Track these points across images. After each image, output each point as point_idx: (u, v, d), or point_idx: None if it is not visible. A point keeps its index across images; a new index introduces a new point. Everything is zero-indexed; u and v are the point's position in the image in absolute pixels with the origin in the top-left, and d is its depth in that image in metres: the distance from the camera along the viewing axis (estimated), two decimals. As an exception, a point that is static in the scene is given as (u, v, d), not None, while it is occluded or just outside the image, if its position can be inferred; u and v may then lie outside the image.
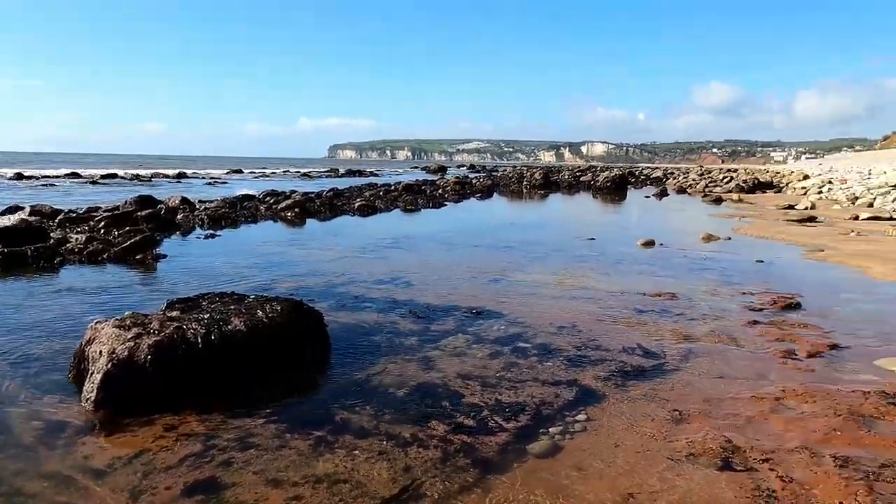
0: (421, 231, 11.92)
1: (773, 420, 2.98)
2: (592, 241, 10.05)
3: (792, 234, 11.00)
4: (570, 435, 2.89)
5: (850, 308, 5.52)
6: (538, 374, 3.71)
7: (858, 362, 3.95)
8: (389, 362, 3.91)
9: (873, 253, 8.44)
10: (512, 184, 29.64)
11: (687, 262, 8.03)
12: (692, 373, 3.75)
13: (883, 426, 2.87)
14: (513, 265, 7.57)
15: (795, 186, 26.49)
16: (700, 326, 4.82)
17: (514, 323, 4.87)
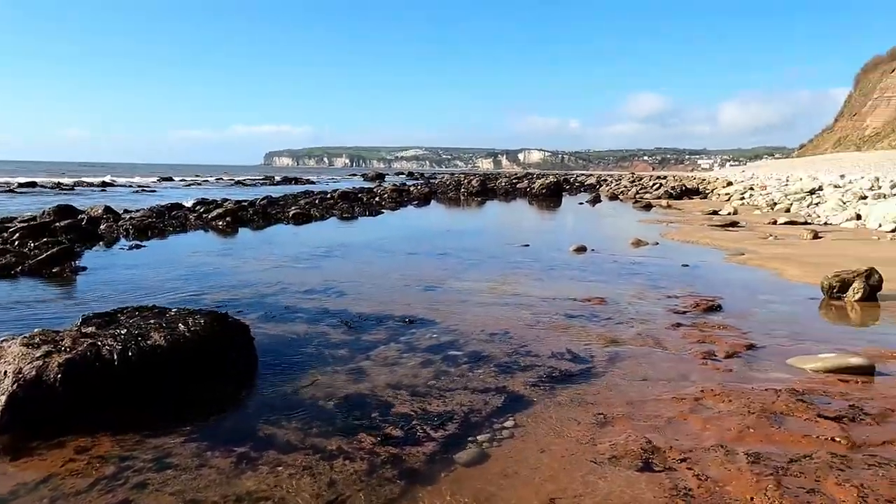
0: (356, 239, 11.82)
1: (691, 420, 3.08)
2: (527, 247, 10.20)
3: (715, 238, 11.47)
4: (498, 442, 2.91)
5: (766, 309, 5.78)
6: (468, 381, 3.72)
7: (772, 361, 4.14)
8: (318, 374, 3.85)
9: (789, 256, 8.88)
10: (449, 191, 29.83)
11: (617, 266, 8.24)
12: (618, 376, 3.84)
13: (792, 422, 3.01)
14: (448, 273, 7.60)
15: (720, 193, 27.67)
16: (627, 330, 4.95)
17: (447, 331, 4.88)
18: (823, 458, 2.60)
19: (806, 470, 2.51)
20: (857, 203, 16.18)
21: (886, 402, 3.27)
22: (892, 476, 2.43)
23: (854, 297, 6.03)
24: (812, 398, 3.31)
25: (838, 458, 2.59)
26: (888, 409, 3.13)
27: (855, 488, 2.33)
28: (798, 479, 2.43)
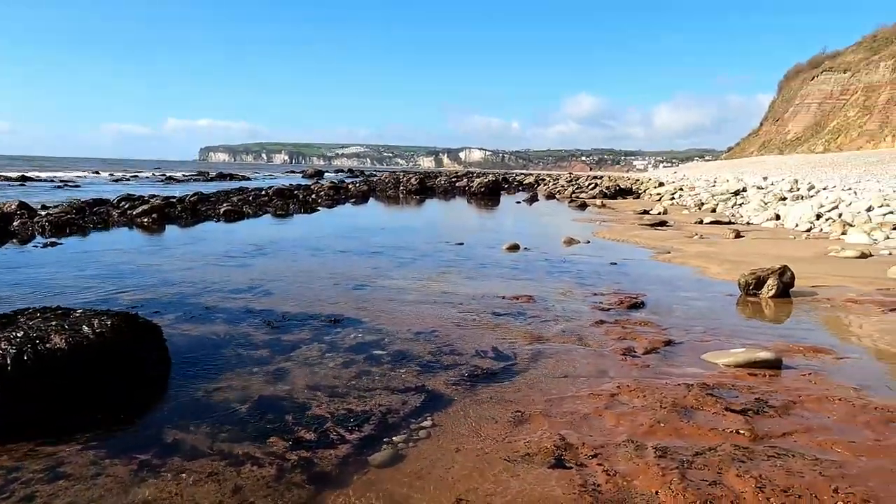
0: (289, 237, 11.58)
1: (606, 416, 3.13)
2: (461, 245, 10.22)
3: (644, 237, 11.80)
4: (414, 442, 2.87)
5: (686, 306, 5.96)
6: (389, 381, 3.67)
7: (688, 357, 4.26)
8: (235, 376, 3.72)
9: (712, 254, 9.22)
10: (388, 189, 29.66)
11: (548, 265, 8.35)
12: (539, 373, 3.87)
13: (700, 416, 3.09)
14: (378, 271, 7.52)
15: (651, 193, 28.54)
16: (552, 327, 5.00)
17: (373, 330, 4.81)
18: (727, 450, 2.68)
19: (709, 463, 2.57)
20: (777, 204, 16.98)
21: (789, 394, 3.40)
22: (789, 466, 2.52)
23: (768, 294, 6.29)
24: (721, 392, 3.41)
25: (740, 451, 2.67)
26: (790, 402, 3.26)
27: (753, 479, 2.40)
28: (701, 472, 2.50)
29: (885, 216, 12.25)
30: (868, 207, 13.26)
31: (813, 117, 77.02)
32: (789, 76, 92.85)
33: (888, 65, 64.32)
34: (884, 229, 10.73)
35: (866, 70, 69.03)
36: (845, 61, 76.68)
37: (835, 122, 69.67)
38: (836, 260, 8.57)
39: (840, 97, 72.97)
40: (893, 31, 68.63)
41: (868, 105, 64.45)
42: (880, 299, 6.06)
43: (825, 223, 12.56)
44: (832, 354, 4.36)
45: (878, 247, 9.48)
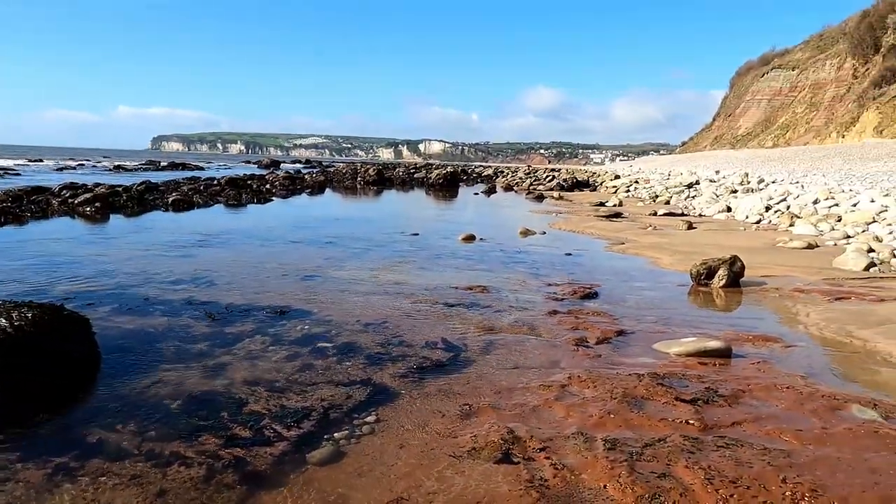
0: (240, 227, 11.26)
1: (556, 407, 3.05)
2: (416, 236, 10.09)
3: (599, 228, 11.86)
4: (356, 439, 2.74)
5: (639, 296, 5.96)
6: (333, 374, 3.52)
7: (639, 346, 4.23)
8: (170, 371, 3.52)
9: (665, 245, 9.30)
10: (346, 180, 29.28)
11: (503, 255, 8.28)
12: (489, 365, 3.77)
13: (650, 406, 3.04)
14: (330, 261, 7.33)
15: (608, 185, 28.85)
16: (504, 318, 4.92)
17: (320, 322, 4.65)
18: (676, 441, 2.62)
19: (659, 454, 2.51)
20: (729, 196, 17.32)
21: (738, 383, 3.38)
22: (737, 456, 2.48)
23: (719, 284, 6.35)
24: (672, 381, 3.37)
25: (690, 441, 2.62)
26: (739, 391, 3.24)
27: (702, 470, 2.35)
28: (650, 464, 2.43)
29: (831, 208, 12.59)
30: (815, 200, 13.61)
31: (763, 113, 79.14)
32: (741, 73, 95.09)
33: (833, 63, 66.46)
34: (829, 221, 11.02)
35: (813, 68, 71.20)
36: (794, 59, 78.92)
37: (784, 118, 71.75)
38: (784, 250, 8.74)
39: (789, 94, 75.15)
40: (839, 31, 70.80)
41: (815, 102, 66.53)
42: (826, 289, 6.17)
43: (774, 215, 12.84)
44: (780, 343, 4.38)
45: (825, 238, 9.72)
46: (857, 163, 26.16)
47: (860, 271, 7.17)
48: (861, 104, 52.27)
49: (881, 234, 9.28)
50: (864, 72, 57.17)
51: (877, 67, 53.74)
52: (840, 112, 57.64)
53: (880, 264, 7.47)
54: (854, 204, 12.60)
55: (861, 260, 7.37)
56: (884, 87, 50.52)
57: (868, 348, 4.28)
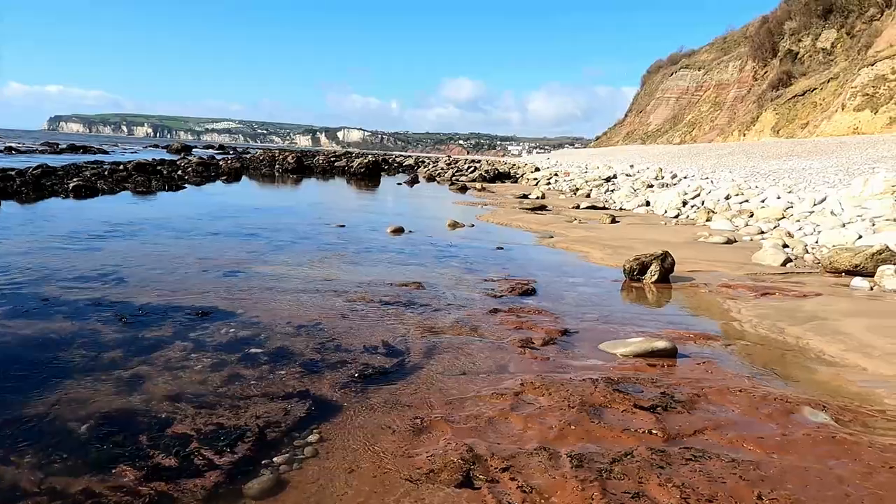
0: (150, 217, 10.48)
1: (512, 419, 2.87)
2: (342, 227, 9.72)
3: (526, 221, 11.86)
4: (298, 464, 2.45)
5: (576, 292, 5.91)
6: (268, 386, 3.20)
7: (586, 347, 4.13)
8: (76, 386, 3.08)
9: (592, 239, 9.36)
10: (263, 167, 28.21)
11: (434, 249, 8.08)
12: (436, 371, 3.55)
13: (610, 415, 2.91)
14: (254, 255, 6.88)
15: (529, 177, 29.22)
16: (444, 317, 4.71)
17: (247, 324, 4.28)
18: (644, 454, 2.50)
19: (628, 471, 2.37)
20: (646, 191, 17.84)
21: (691, 386, 3.32)
22: (708, 470, 2.38)
23: (651, 279, 6.39)
24: (627, 387, 3.27)
25: (657, 455, 2.50)
26: (695, 395, 3.17)
27: (677, 489, 2.23)
28: (622, 483, 2.29)
29: (742, 204, 13.16)
30: (726, 196, 14.19)
31: (672, 110, 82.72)
32: (651, 71, 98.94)
33: (736, 65, 70.18)
34: (743, 217, 11.48)
35: (717, 69, 74.98)
36: (700, 60, 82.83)
37: (690, 116, 75.24)
38: (705, 246, 8.98)
39: (695, 93, 78.83)
40: (741, 34, 74.84)
41: (719, 101, 70.11)
42: (751, 284, 6.33)
43: (691, 210, 13.28)
44: (720, 341, 4.40)
45: (741, 233, 10.09)
46: (760, 160, 27.65)
47: (778, 266, 7.44)
48: (760, 105, 55.54)
49: (791, 229, 9.73)
50: (763, 74, 60.70)
51: (774, 71, 57.17)
52: (741, 112, 60.99)
53: (796, 259, 7.79)
54: (762, 200, 13.22)
55: (779, 255, 7.64)
56: (780, 90, 53.85)
57: (801, 346, 4.36)
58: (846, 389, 3.51)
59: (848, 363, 3.98)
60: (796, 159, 24.65)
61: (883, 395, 3.41)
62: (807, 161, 23.00)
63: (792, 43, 58.14)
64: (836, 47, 52.40)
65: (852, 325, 4.67)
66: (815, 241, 8.74)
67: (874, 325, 4.67)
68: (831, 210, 10.57)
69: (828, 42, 54.12)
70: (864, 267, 6.72)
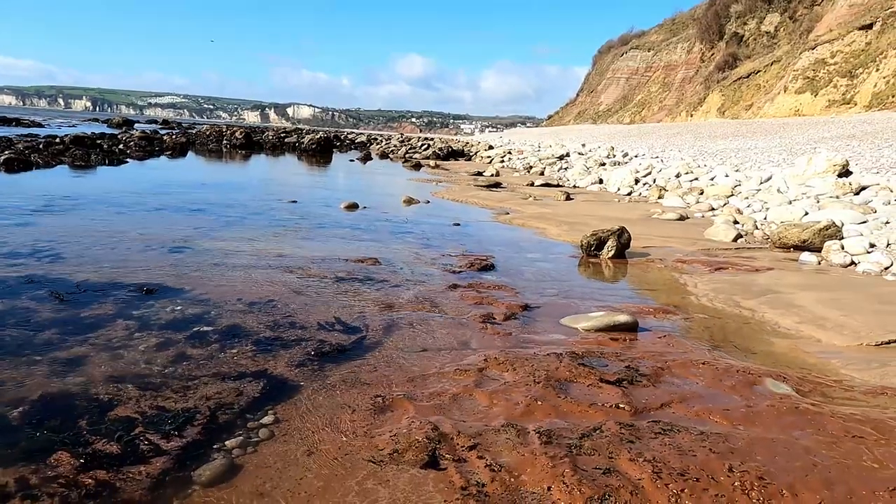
0: (90, 191, 9.95)
1: (477, 395, 2.78)
2: (295, 203, 9.44)
3: (482, 198, 11.78)
4: (253, 447, 2.30)
5: (534, 267, 5.86)
6: (219, 365, 3.02)
7: (547, 322, 4.07)
8: (8, 368, 2.84)
9: (548, 216, 9.35)
10: (210, 142, 27.29)
11: (389, 225, 7.92)
12: (396, 347, 3.43)
13: (577, 390, 2.85)
14: (201, 231, 6.59)
15: (482, 156, 29.15)
16: (403, 293, 4.59)
17: (196, 301, 4.06)
18: (613, 429, 2.44)
19: (598, 446, 2.31)
20: (599, 169, 17.98)
21: (655, 360, 3.30)
22: (678, 444, 2.34)
23: (608, 255, 6.40)
24: (592, 361, 3.22)
25: (626, 429, 2.45)
26: (659, 368, 3.14)
27: (649, 463, 2.17)
28: (593, 459, 2.22)
29: (692, 182, 13.38)
30: (677, 174, 14.42)
31: (622, 91, 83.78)
32: (602, 51, 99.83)
33: (684, 47, 71.40)
34: (693, 194, 11.67)
35: (666, 50, 76.15)
36: (650, 41, 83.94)
37: (640, 96, 76.39)
38: (659, 222, 9.08)
39: (645, 73, 79.97)
40: (689, 16, 76.03)
41: (667, 82, 71.32)
42: (705, 259, 6.40)
43: (643, 188, 13.44)
44: (678, 315, 4.42)
45: (692, 209, 10.25)
46: (707, 140, 28.26)
47: (730, 242, 7.57)
48: (707, 86, 56.74)
49: (741, 206, 9.93)
50: (710, 56, 61.95)
51: (721, 53, 58.41)
52: (689, 93, 62.22)
53: (746, 235, 7.94)
54: (712, 178, 13.47)
55: (730, 231, 7.78)
56: (726, 72, 55.09)
57: (757, 318, 4.42)
58: (803, 360, 3.56)
59: (803, 335, 4.05)
60: (742, 139, 25.29)
61: (838, 366, 3.47)
62: (752, 141, 23.62)
63: (738, 26, 59.45)
64: (780, 31, 53.86)
65: (804, 298, 4.75)
66: (763, 218, 8.94)
67: (824, 297, 4.77)
68: (777, 188, 10.84)
69: (771, 26, 55.55)
70: (812, 242, 6.89)
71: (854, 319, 4.19)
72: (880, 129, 21.23)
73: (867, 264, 5.95)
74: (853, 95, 37.54)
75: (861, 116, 29.87)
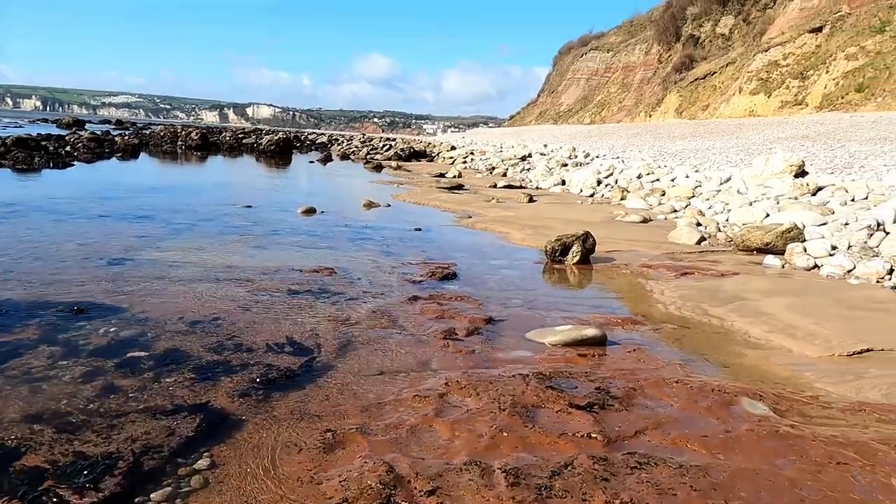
0: (30, 197, 9.39)
1: (438, 427, 2.55)
2: (249, 208, 9.07)
3: (443, 200, 11.56)
4: (183, 499, 2.02)
5: (498, 275, 5.66)
6: (151, 398, 2.72)
7: (512, 336, 3.86)
8: None
9: (511, 219, 9.17)
10: (164, 143, 26.45)
11: (348, 231, 7.64)
12: (350, 370, 3.18)
13: (545, 417, 2.64)
14: (146, 240, 6.20)
15: (445, 156, 28.94)
16: (359, 307, 4.33)
17: (132, 321, 3.73)
18: (585, 464, 2.23)
19: (571, 486, 2.10)
20: (561, 170, 17.95)
21: (626, 379, 3.11)
22: (656, 480, 2.14)
23: (573, 261, 6.24)
24: (560, 382, 3.01)
25: (600, 464, 2.24)
26: (631, 389, 2.96)
27: (626, 506, 1.97)
28: (565, 502, 2.01)
29: (653, 183, 13.40)
30: (638, 175, 14.44)
31: (582, 91, 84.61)
32: (562, 52, 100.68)
33: (642, 48, 72.43)
34: (655, 195, 11.65)
35: (625, 51, 77.14)
36: (609, 42, 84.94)
37: (600, 97, 77.24)
38: (622, 225, 8.99)
39: (604, 74, 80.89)
40: (647, 18, 77.15)
41: (626, 83, 72.24)
42: (670, 264, 6.29)
43: (606, 189, 13.40)
44: (647, 325, 4.26)
45: (655, 212, 10.20)
46: (666, 140, 28.60)
47: (694, 245, 7.50)
48: (665, 87, 57.63)
49: (703, 208, 9.92)
50: (667, 57, 62.95)
51: (678, 54, 59.41)
52: (647, 94, 63.12)
53: (710, 238, 7.89)
54: (672, 179, 13.52)
55: (693, 234, 7.71)
56: (683, 73, 56.06)
57: (727, 327, 4.29)
58: (776, 374, 3.42)
59: (773, 345, 3.92)
60: (700, 140, 25.64)
61: (812, 379, 3.34)
62: (710, 141, 23.96)
63: (694, 28, 60.55)
64: (734, 33, 55.04)
65: (772, 305, 4.65)
66: (725, 220, 8.92)
67: (792, 304, 4.67)
68: (737, 189, 10.88)
69: (726, 28, 56.73)
70: (775, 245, 6.85)
71: (824, 328, 4.09)
72: (832, 129, 21.75)
73: (830, 267, 5.91)
74: (805, 97, 38.53)
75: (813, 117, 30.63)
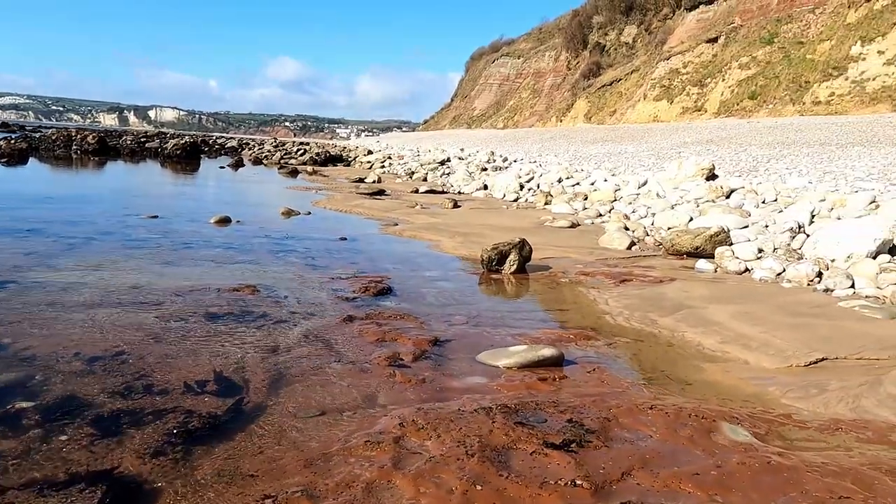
0: None
1: (398, 482, 2.16)
2: (155, 219, 8.29)
3: (366, 207, 11.11)
4: None
5: (435, 288, 5.32)
6: (38, 467, 2.18)
7: (463, 360, 3.52)
8: None
9: (440, 226, 8.86)
10: (57, 148, 24.43)
11: (268, 242, 7.08)
12: (285, 411, 2.73)
13: (519, 461, 2.31)
14: (34, 259, 5.43)
15: (362, 161, 28.35)
16: (289, 331, 3.86)
17: (16, 362, 3.11)
18: (577, 522, 1.92)
19: (567, 554, 1.78)
20: (482, 174, 17.84)
21: (597, 407, 2.84)
22: (660, 538, 1.86)
23: (510, 270, 5.99)
24: (528, 416, 2.69)
25: (594, 520, 1.94)
26: (605, 420, 2.68)
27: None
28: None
29: (574, 187, 13.48)
30: (558, 179, 14.51)
31: (494, 96, 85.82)
32: (475, 57, 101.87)
33: (551, 55, 74.28)
34: (579, 200, 11.68)
35: (535, 58, 78.91)
36: (519, 48, 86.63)
37: (512, 102, 78.60)
38: (552, 230, 8.87)
39: (516, 80, 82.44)
40: (555, 26, 79.16)
41: (537, 88, 73.88)
42: (606, 270, 6.16)
43: (529, 193, 13.35)
44: (601, 340, 4.04)
45: (581, 216, 10.17)
46: (580, 144, 29.25)
47: (625, 250, 7.45)
48: (574, 93, 59.34)
49: (626, 212, 9.98)
50: (576, 64, 64.82)
51: (585, 61, 61.29)
52: (558, 99, 64.77)
53: (639, 242, 7.88)
54: (592, 183, 13.66)
55: (624, 239, 7.67)
56: (591, 80, 57.92)
57: (678, 339, 4.13)
58: (742, 390, 3.26)
59: (730, 357, 3.79)
60: (612, 144, 26.37)
61: (778, 395, 3.20)
62: (622, 146, 24.66)
63: (600, 36, 62.67)
64: (637, 42, 57.34)
65: (718, 313, 4.55)
66: (651, 224, 8.97)
67: (737, 311, 4.59)
68: (656, 193, 11.07)
69: (630, 37, 59.05)
70: (704, 248, 6.89)
71: (775, 337, 4.00)
72: (734, 134, 22.88)
73: (762, 271, 5.94)
74: (704, 103, 40.59)
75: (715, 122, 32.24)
